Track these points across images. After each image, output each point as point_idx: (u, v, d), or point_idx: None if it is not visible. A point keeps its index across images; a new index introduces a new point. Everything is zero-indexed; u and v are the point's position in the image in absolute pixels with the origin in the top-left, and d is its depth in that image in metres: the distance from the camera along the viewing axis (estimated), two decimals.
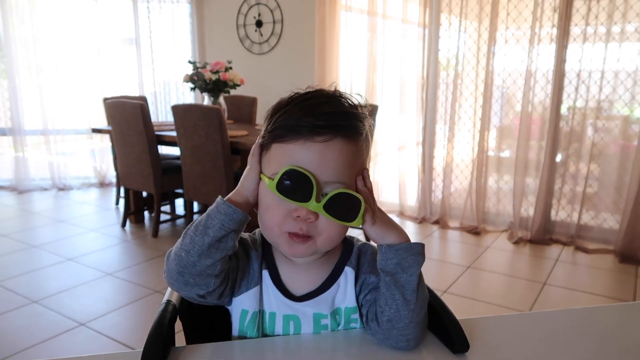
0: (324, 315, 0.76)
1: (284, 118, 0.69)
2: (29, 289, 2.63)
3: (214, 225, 0.66)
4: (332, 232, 0.70)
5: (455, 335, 0.71)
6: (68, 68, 5.05)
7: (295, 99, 0.71)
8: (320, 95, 0.71)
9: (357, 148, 0.71)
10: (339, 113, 0.69)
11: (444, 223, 3.86)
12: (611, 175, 3.35)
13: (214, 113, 2.97)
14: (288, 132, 0.68)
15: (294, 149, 0.67)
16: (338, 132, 0.67)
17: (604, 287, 2.80)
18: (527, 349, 0.74)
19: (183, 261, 0.67)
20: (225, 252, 0.68)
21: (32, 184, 5.04)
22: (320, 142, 0.67)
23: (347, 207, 0.68)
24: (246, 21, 4.87)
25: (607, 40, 3.15)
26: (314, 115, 0.67)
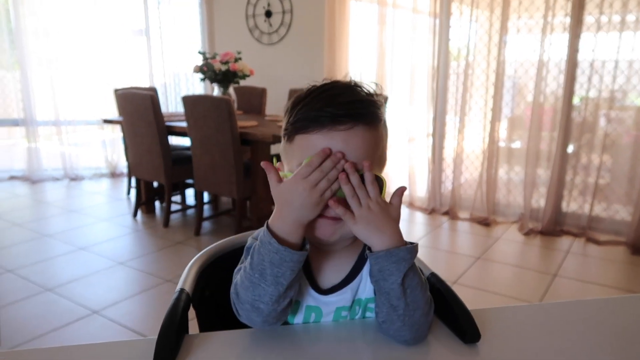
0: (345, 307, 0.78)
1: (305, 110, 0.71)
2: (43, 278, 2.67)
3: (284, 274, 0.67)
4: None
5: (466, 325, 0.72)
6: (79, 59, 5.07)
7: (313, 91, 0.73)
8: (337, 86, 0.73)
9: (378, 134, 0.73)
10: (358, 101, 0.71)
11: (454, 214, 3.85)
12: (624, 166, 3.31)
13: (223, 104, 2.98)
14: (310, 123, 0.69)
15: (318, 138, 0.69)
16: (359, 120, 0.69)
17: (615, 279, 2.78)
18: (538, 339, 0.74)
19: (265, 311, 0.69)
20: (297, 287, 0.71)
21: (45, 174, 5.09)
22: (343, 130, 0.68)
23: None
24: (255, 11, 4.85)
25: (622, 29, 3.10)
26: (335, 104, 0.69)
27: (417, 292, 0.70)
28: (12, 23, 4.73)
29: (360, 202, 0.68)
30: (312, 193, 0.67)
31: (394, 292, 0.69)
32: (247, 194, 3.22)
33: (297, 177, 0.67)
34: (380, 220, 0.68)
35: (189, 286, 0.81)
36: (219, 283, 0.86)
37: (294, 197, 0.67)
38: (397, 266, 0.68)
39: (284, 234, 0.68)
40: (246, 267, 0.70)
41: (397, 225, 0.70)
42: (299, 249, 0.69)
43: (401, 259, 0.68)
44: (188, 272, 0.85)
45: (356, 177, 0.68)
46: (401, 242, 0.70)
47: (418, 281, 0.71)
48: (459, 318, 0.73)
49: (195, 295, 0.81)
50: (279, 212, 0.69)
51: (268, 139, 2.96)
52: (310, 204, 0.67)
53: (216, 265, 0.92)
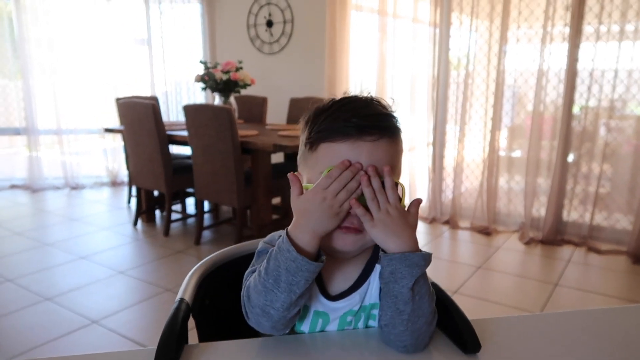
0: (352, 312, 0.79)
1: (331, 119, 0.72)
2: (42, 287, 2.67)
3: (298, 283, 0.68)
4: None
5: (466, 335, 0.71)
6: (81, 68, 5.10)
7: (335, 103, 0.75)
8: (359, 99, 0.76)
9: (398, 147, 0.75)
10: (382, 114, 0.74)
11: (455, 223, 3.85)
12: (624, 175, 3.31)
13: (224, 113, 2.99)
14: (336, 133, 0.71)
15: (344, 147, 0.70)
16: (384, 132, 0.72)
17: (616, 289, 2.77)
18: (539, 350, 0.74)
19: (275, 317, 0.70)
20: (307, 296, 0.72)
21: (46, 183, 5.09)
22: (370, 141, 0.70)
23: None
24: (257, 21, 4.88)
25: (621, 39, 3.12)
26: (361, 116, 0.71)
27: (425, 300, 0.71)
28: (15, 32, 4.76)
29: (379, 206, 0.69)
30: (331, 204, 0.68)
31: (402, 295, 0.70)
32: (248, 202, 3.22)
33: (317, 188, 0.69)
34: (397, 225, 0.70)
35: (188, 296, 0.81)
36: (219, 293, 0.86)
37: (313, 207, 0.69)
38: (410, 270, 0.70)
39: (302, 244, 0.69)
40: (261, 271, 0.71)
41: (413, 232, 0.72)
42: (315, 259, 0.69)
43: (415, 264, 0.70)
44: (188, 282, 0.85)
45: (377, 181, 0.69)
46: (416, 247, 0.71)
47: (427, 290, 0.72)
48: (459, 328, 0.73)
49: (195, 305, 0.81)
50: (298, 222, 0.70)
51: (269, 148, 2.97)
52: (329, 214, 0.68)
53: (216, 274, 0.92)
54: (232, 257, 0.95)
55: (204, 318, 0.87)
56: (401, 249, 0.70)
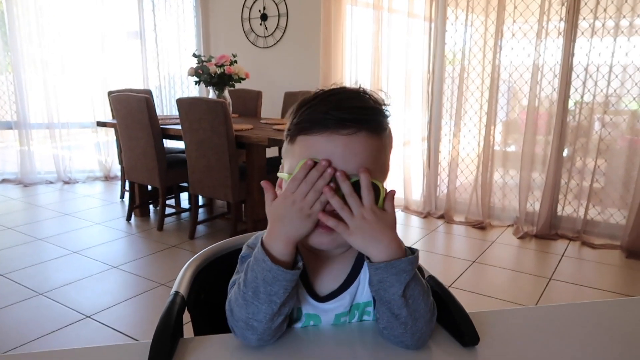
0: (344, 313, 0.77)
1: (310, 111, 0.70)
2: (35, 281, 2.65)
3: (277, 292, 0.66)
4: None
5: (465, 328, 0.71)
6: (73, 62, 5.05)
7: (320, 94, 0.72)
8: (346, 90, 0.72)
9: (381, 143, 0.71)
10: (364, 108, 0.70)
11: (449, 218, 3.85)
12: (618, 170, 3.33)
13: (219, 107, 2.97)
14: (314, 125, 0.68)
15: (319, 140, 0.68)
16: (363, 126, 0.68)
17: (610, 283, 2.79)
18: (536, 342, 0.74)
19: (259, 329, 0.68)
20: (292, 303, 0.70)
21: (38, 177, 5.05)
22: (346, 134, 0.67)
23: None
24: (251, 14, 4.85)
25: (616, 34, 3.12)
26: (340, 108, 0.68)
27: (419, 301, 0.69)
28: (6, 25, 4.70)
29: (352, 212, 0.65)
30: (301, 206, 0.65)
31: (395, 302, 0.68)
32: (242, 197, 3.21)
33: (285, 192, 0.66)
34: (375, 229, 0.66)
35: (183, 289, 0.80)
36: (215, 286, 0.85)
37: (284, 212, 0.66)
38: (397, 277, 0.67)
39: (277, 253, 0.67)
40: (240, 283, 0.69)
41: (394, 232, 0.68)
42: (292, 267, 0.68)
43: (402, 271, 0.67)
44: (183, 275, 0.84)
45: (347, 185, 0.65)
46: (400, 250, 0.68)
47: (420, 290, 0.69)
48: (457, 321, 0.72)
49: (190, 299, 0.80)
50: (272, 229, 0.68)
51: (263, 142, 2.95)
52: (300, 218, 0.66)
53: (211, 268, 0.91)
54: (228, 251, 0.94)
55: (199, 312, 0.86)
56: (385, 255, 0.67)
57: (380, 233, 0.67)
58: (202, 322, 0.87)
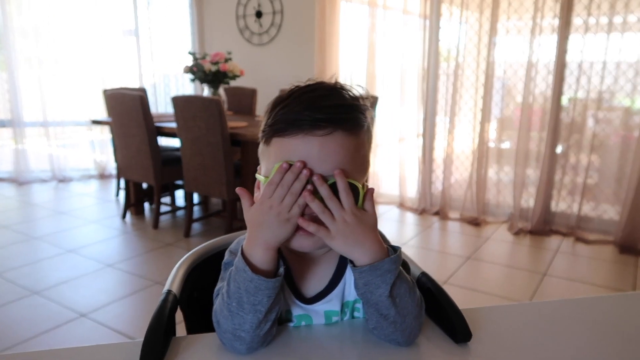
0: (334, 312, 0.77)
1: (284, 112, 0.68)
2: (30, 280, 2.64)
3: (261, 301, 0.66)
4: None
5: (457, 324, 0.71)
6: (67, 59, 5.02)
7: (295, 92, 0.69)
8: (321, 87, 0.70)
9: (358, 141, 0.69)
10: (340, 106, 0.68)
11: (444, 214, 3.86)
12: (612, 166, 3.35)
13: (213, 104, 2.96)
14: (288, 126, 0.66)
15: (294, 142, 0.66)
16: (339, 125, 0.66)
17: (604, 278, 2.80)
18: (529, 338, 0.74)
19: (247, 339, 0.67)
20: (279, 308, 0.69)
21: (32, 175, 5.03)
22: (321, 135, 0.65)
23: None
24: (246, 12, 4.84)
25: (609, 30, 3.13)
26: (315, 108, 0.66)
27: (406, 298, 0.69)
28: (0, 22, 4.67)
29: (333, 216, 0.64)
30: (279, 211, 0.64)
31: (382, 303, 0.68)
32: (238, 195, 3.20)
33: (262, 197, 0.65)
34: (358, 232, 0.65)
35: (176, 287, 0.80)
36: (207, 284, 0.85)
37: (262, 218, 0.65)
38: (383, 279, 0.66)
39: (257, 260, 0.66)
40: (223, 294, 0.68)
41: (375, 233, 0.67)
42: (273, 274, 0.67)
43: (386, 271, 0.66)
44: (175, 274, 0.84)
45: (326, 189, 0.64)
46: (383, 251, 0.67)
47: (406, 287, 0.69)
48: (450, 317, 0.73)
49: (182, 297, 0.80)
50: (251, 236, 0.67)
51: (258, 139, 2.94)
52: (279, 223, 0.65)
53: (204, 266, 0.91)
54: (220, 249, 0.94)
55: (192, 310, 0.86)
56: (369, 258, 0.66)
57: (362, 236, 0.66)
58: (194, 321, 0.87)
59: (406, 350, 0.70)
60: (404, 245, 3.26)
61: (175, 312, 0.75)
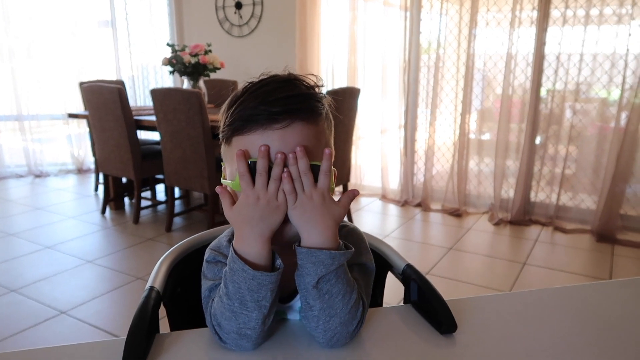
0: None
1: (240, 109, 0.68)
2: (7, 278, 2.58)
3: (265, 296, 0.65)
4: None
5: (442, 316, 0.72)
6: (42, 51, 4.89)
7: (249, 88, 0.70)
8: (274, 80, 0.70)
9: (318, 129, 0.69)
10: (294, 96, 0.68)
11: (426, 206, 3.90)
12: (589, 156, 3.41)
13: (194, 97, 2.92)
14: (246, 123, 0.66)
15: (254, 139, 0.66)
16: (296, 115, 0.66)
17: (581, 266, 2.86)
18: (513, 327, 0.75)
19: (253, 336, 0.67)
20: (277, 300, 0.69)
21: (7, 171, 4.91)
22: (279, 128, 0.65)
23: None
24: (225, 3, 4.77)
25: (586, 23, 3.18)
26: (270, 102, 0.66)
27: (337, 300, 0.67)
28: None
29: (303, 188, 0.65)
30: (267, 200, 0.64)
31: (309, 291, 0.67)
32: None
33: (245, 191, 0.65)
34: (317, 212, 0.65)
35: (159, 283, 0.79)
36: (191, 280, 0.84)
37: (252, 211, 0.65)
38: (314, 268, 0.65)
39: (254, 256, 0.66)
40: (222, 297, 0.67)
41: (334, 224, 0.67)
42: (271, 266, 0.67)
43: (320, 262, 0.65)
44: (158, 269, 0.83)
45: (305, 162, 0.64)
46: (333, 243, 0.66)
47: (340, 289, 0.67)
48: (435, 308, 0.73)
49: (165, 293, 0.79)
50: (242, 233, 0.66)
51: None
52: (270, 211, 0.65)
53: (187, 261, 0.90)
54: (204, 244, 0.92)
55: (175, 306, 0.85)
56: (315, 242, 0.66)
57: (320, 218, 0.66)
58: (178, 317, 0.87)
59: (391, 341, 0.70)
60: (387, 237, 3.29)
61: (158, 308, 0.74)
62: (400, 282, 0.84)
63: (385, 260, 0.89)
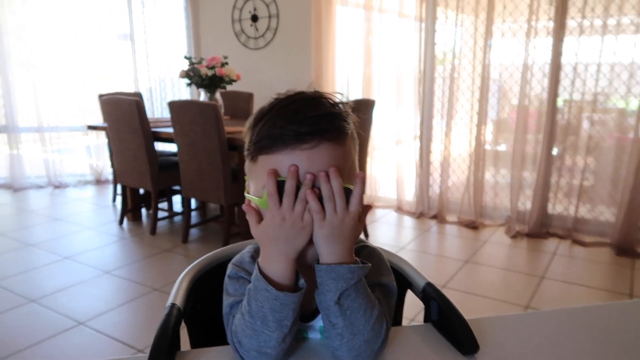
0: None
1: (267, 127, 0.67)
2: (26, 288, 2.62)
3: (287, 316, 0.66)
4: None
5: (464, 335, 0.71)
6: (62, 64, 5.00)
7: (276, 105, 0.69)
8: (301, 98, 0.69)
9: (344, 149, 0.69)
10: (322, 115, 0.67)
11: (442, 217, 3.87)
12: (607, 168, 3.36)
13: (210, 109, 2.95)
14: (273, 142, 0.65)
15: (281, 159, 0.65)
16: (324, 136, 0.65)
17: (601, 281, 2.81)
18: (536, 348, 0.74)
19: (273, 354, 0.67)
20: (298, 319, 0.69)
21: (28, 181, 5.00)
22: (308, 149, 0.65)
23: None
24: (242, 16, 4.83)
25: (604, 32, 3.15)
26: (298, 121, 0.65)
27: (358, 315, 0.67)
28: None
29: (336, 209, 0.64)
30: (293, 221, 0.64)
31: (331, 309, 0.67)
32: (235, 200, 3.20)
33: (272, 211, 0.64)
34: (345, 235, 0.66)
35: (180, 300, 0.79)
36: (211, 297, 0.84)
37: (277, 232, 0.65)
38: (335, 283, 0.65)
39: (279, 276, 0.66)
40: (244, 314, 0.68)
41: (351, 243, 0.67)
42: (295, 286, 0.67)
43: (340, 277, 0.65)
44: (179, 286, 0.83)
45: (338, 184, 0.63)
46: (349, 258, 0.67)
47: (361, 304, 0.67)
48: (456, 328, 0.72)
49: (186, 310, 0.80)
50: (267, 252, 0.67)
51: None
52: (295, 232, 0.64)
53: (207, 278, 0.90)
54: (224, 260, 0.93)
55: (195, 323, 0.86)
56: (335, 258, 0.66)
57: (344, 239, 0.66)
58: (198, 334, 0.87)
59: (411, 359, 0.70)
60: (402, 250, 3.27)
61: (179, 326, 0.74)
62: (420, 301, 0.84)
63: (404, 278, 0.89)
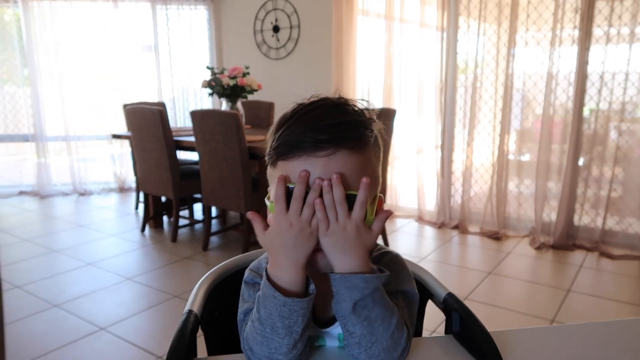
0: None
1: (287, 134, 0.67)
2: (50, 293, 2.66)
3: (296, 322, 0.65)
4: None
5: (486, 348, 0.69)
6: (89, 75, 5.14)
7: (298, 111, 0.68)
8: (324, 105, 0.68)
9: (363, 157, 0.67)
10: (343, 124, 0.66)
11: (464, 228, 3.81)
12: (636, 178, 3.27)
13: (231, 118, 2.98)
14: (291, 149, 0.65)
15: (297, 165, 0.65)
16: (341, 144, 0.64)
17: (630, 295, 2.72)
18: None
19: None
20: (310, 325, 0.68)
21: (54, 189, 5.12)
22: (323, 156, 0.64)
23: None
24: (263, 26, 4.89)
25: (631, 41, 3.08)
26: (317, 128, 0.64)
27: (377, 325, 0.66)
28: (24, 39, 4.80)
29: (337, 217, 0.63)
30: (301, 226, 0.63)
31: (347, 318, 0.66)
32: (255, 208, 3.21)
33: (279, 217, 0.64)
34: (349, 244, 0.64)
35: (197, 307, 0.79)
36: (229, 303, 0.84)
37: (285, 238, 0.64)
38: (349, 292, 0.64)
39: (288, 283, 0.65)
40: (254, 321, 0.67)
41: (365, 252, 0.66)
42: (304, 292, 0.66)
43: (353, 286, 0.64)
44: (196, 293, 0.83)
45: (339, 191, 0.62)
46: (363, 268, 0.65)
47: (379, 313, 0.66)
48: (478, 340, 0.70)
49: (203, 317, 0.79)
50: (275, 259, 0.66)
51: None
52: (303, 238, 0.64)
53: (225, 285, 0.90)
54: (241, 267, 0.93)
55: (212, 330, 0.85)
56: (347, 268, 0.65)
57: (352, 248, 0.65)
58: (215, 341, 0.86)
59: None
60: (423, 260, 3.22)
61: (196, 332, 0.74)
62: (442, 311, 0.82)
63: (425, 289, 0.87)
